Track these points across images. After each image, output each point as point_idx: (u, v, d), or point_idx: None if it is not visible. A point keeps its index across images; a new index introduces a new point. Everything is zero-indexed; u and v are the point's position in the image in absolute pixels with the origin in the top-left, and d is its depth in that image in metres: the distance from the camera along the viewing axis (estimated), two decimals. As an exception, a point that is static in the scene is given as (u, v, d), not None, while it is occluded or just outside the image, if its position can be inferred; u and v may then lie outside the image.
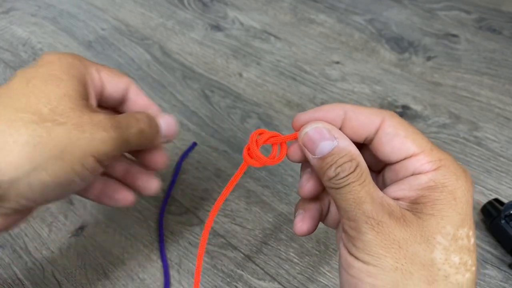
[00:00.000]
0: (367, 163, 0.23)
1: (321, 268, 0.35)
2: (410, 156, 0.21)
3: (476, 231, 0.37)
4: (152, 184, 0.27)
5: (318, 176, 0.23)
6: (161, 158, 0.27)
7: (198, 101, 0.51)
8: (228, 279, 0.35)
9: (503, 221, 0.35)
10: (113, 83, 0.26)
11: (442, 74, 0.54)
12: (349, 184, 0.20)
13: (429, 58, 0.56)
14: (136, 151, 0.27)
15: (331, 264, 0.35)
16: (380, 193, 0.20)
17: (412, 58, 0.56)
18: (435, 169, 0.20)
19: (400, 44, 0.59)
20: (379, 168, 0.24)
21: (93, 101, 0.24)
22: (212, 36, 0.62)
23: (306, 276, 0.35)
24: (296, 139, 0.23)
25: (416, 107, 0.49)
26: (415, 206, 0.20)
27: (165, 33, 0.63)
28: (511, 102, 0.49)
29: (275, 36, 0.61)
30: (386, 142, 0.21)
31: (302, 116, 0.23)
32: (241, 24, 0.64)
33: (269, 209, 0.39)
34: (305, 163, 0.25)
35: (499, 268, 0.35)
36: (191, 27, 0.64)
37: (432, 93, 0.51)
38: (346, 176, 0.20)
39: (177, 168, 0.43)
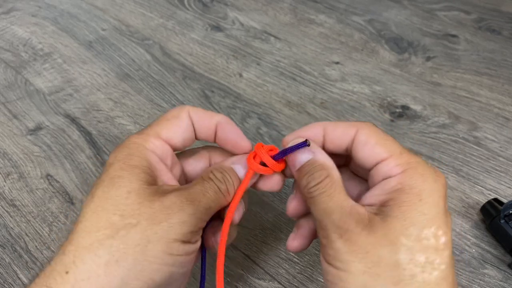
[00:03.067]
0: (357, 173, 0.25)
1: (321, 268, 0.35)
2: (381, 161, 0.22)
3: (476, 231, 0.37)
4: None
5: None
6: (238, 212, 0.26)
7: (198, 101, 0.51)
8: (228, 279, 0.35)
9: (502, 221, 0.35)
10: (178, 133, 0.25)
11: (442, 74, 0.54)
12: (319, 194, 0.21)
13: (428, 58, 0.56)
14: None
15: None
16: (350, 202, 0.21)
17: (411, 59, 0.56)
18: (402, 172, 0.21)
19: (400, 45, 0.59)
20: (367, 177, 0.25)
21: (164, 173, 0.23)
22: (212, 36, 0.62)
23: (306, 276, 0.35)
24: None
25: (416, 107, 0.49)
26: (383, 209, 0.20)
27: (165, 33, 0.63)
28: (511, 102, 0.49)
29: (275, 37, 0.61)
30: (359, 150, 0.23)
31: (289, 137, 0.25)
32: (241, 24, 0.64)
33: (269, 209, 0.39)
34: (294, 183, 0.27)
35: (498, 268, 0.35)
36: (191, 28, 0.64)
37: (431, 93, 0.51)
38: (316, 185, 0.21)
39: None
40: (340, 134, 0.24)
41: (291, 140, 0.25)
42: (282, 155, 0.25)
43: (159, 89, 0.53)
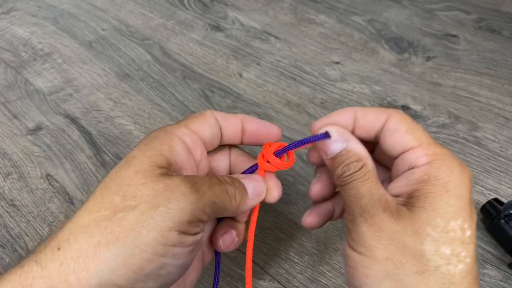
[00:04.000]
0: (381, 161, 0.25)
1: (321, 268, 0.35)
2: (408, 150, 0.22)
3: (475, 231, 0.37)
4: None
5: (330, 175, 0.24)
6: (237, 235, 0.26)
7: (198, 101, 0.51)
8: (228, 279, 0.35)
9: (502, 221, 0.35)
10: (206, 128, 0.25)
11: (442, 74, 0.54)
12: (352, 181, 0.21)
13: (428, 58, 0.56)
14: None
15: (331, 263, 0.35)
16: (382, 190, 0.21)
17: (411, 58, 0.56)
18: (429, 162, 0.21)
19: (400, 45, 0.59)
20: (390, 165, 0.25)
21: (189, 162, 0.23)
22: (212, 36, 0.62)
23: (306, 276, 0.35)
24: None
25: (416, 107, 0.49)
26: (410, 200, 0.20)
27: (165, 33, 0.63)
28: (511, 102, 0.49)
29: (275, 37, 0.61)
30: (388, 137, 0.23)
31: (318, 123, 0.25)
32: (241, 24, 0.64)
33: (269, 209, 0.39)
34: (318, 167, 0.27)
35: (498, 268, 0.35)
36: (191, 28, 0.64)
37: (431, 93, 0.51)
38: (351, 174, 0.22)
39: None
40: (371, 119, 0.23)
41: (320, 126, 0.24)
42: (285, 150, 0.25)
43: (159, 89, 0.53)
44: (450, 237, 0.19)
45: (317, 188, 0.26)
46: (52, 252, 0.19)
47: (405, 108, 0.49)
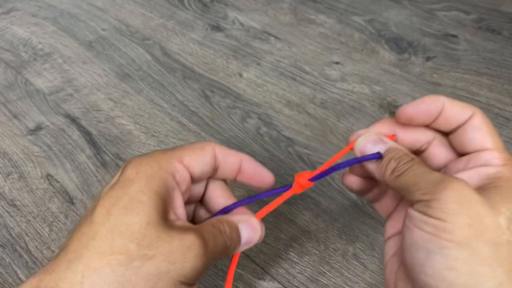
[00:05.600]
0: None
1: (321, 268, 0.35)
2: (485, 150, 0.23)
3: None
4: None
5: (380, 179, 0.25)
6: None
7: (198, 101, 0.51)
8: None
9: (502, 221, 0.35)
10: (200, 163, 0.25)
11: (442, 74, 0.54)
12: (411, 166, 0.22)
13: (428, 59, 0.56)
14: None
15: (331, 263, 0.35)
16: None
17: (411, 59, 0.56)
18: (503, 165, 0.22)
19: (400, 45, 0.59)
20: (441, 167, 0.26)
21: (178, 206, 0.24)
22: (212, 36, 0.62)
23: (306, 276, 0.35)
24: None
25: (416, 107, 0.49)
26: (482, 187, 0.21)
27: (165, 33, 0.63)
28: (511, 102, 0.49)
29: (275, 37, 0.61)
30: (469, 132, 0.24)
31: (410, 109, 0.25)
32: (241, 24, 0.64)
33: (269, 208, 0.39)
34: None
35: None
36: (191, 28, 0.64)
37: (431, 93, 0.51)
38: (406, 162, 0.23)
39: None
40: (457, 111, 0.24)
41: (410, 112, 0.25)
42: (330, 172, 0.26)
43: (159, 89, 0.53)
44: None
45: (352, 179, 0.27)
46: None
47: (405, 108, 0.49)
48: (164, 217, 0.21)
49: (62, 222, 0.39)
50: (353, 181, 0.28)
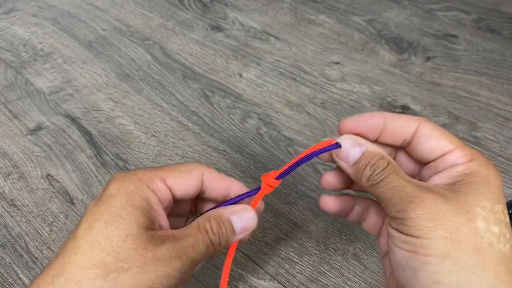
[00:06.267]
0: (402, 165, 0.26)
1: (321, 268, 0.35)
2: (447, 153, 0.23)
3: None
4: None
5: (356, 182, 0.25)
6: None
7: (198, 101, 0.51)
8: (228, 279, 0.35)
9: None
10: (183, 185, 0.25)
11: (441, 74, 0.54)
12: (387, 176, 0.22)
13: (428, 59, 0.56)
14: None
15: (331, 263, 0.35)
16: (415, 180, 0.22)
17: (411, 59, 0.56)
18: (469, 161, 0.22)
19: (400, 45, 0.59)
20: (413, 174, 0.26)
21: (162, 219, 0.24)
22: (212, 36, 0.62)
23: (306, 276, 0.35)
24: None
25: (415, 107, 0.49)
26: (452, 187, 0.22)
27: (165, 33, 0.63)
28: (510, 102, 0.49)
29: (275, 37, 0.61)
30: (424, 142, 0.24)
31: (348, 123, 0.25)
32: (241, 24, 0.64)
33: (269, 209, 0.39)
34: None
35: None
36: (191, 28, 0.64)
37: (431, 93, 0.51)
38: (382, 170, 0.22)
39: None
40: (401, 125, 0.24)
41: (350, 127, 0.25)
42: (292, 169, 0.26)
43: (159, 89, 0.53)
44: (496, 218, 0.20)
45: (329, 177, 0.27)
46: None
47: (405, 108, 0.49)
48: (148, 228, 0.22)
49: (62, 222, 0.39)
50: (328, 202, 0.27)
